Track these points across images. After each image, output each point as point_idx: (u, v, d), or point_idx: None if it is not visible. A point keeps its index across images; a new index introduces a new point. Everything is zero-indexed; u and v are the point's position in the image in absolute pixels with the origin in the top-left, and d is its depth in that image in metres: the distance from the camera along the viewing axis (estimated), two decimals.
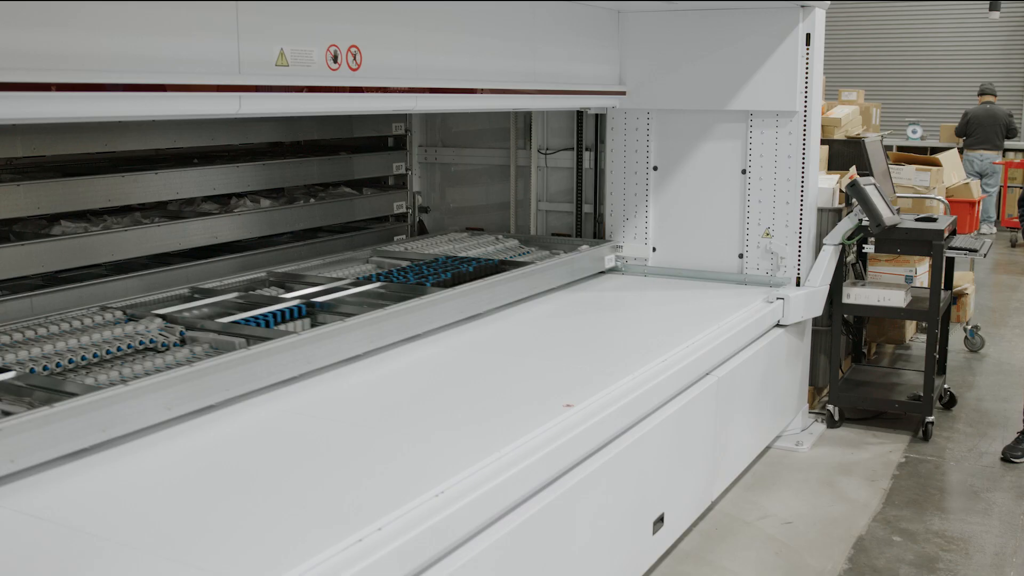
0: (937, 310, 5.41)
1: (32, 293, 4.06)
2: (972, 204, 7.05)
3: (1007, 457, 5.23)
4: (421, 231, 6.41)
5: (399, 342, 3.93)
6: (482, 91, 4.35)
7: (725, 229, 5.49)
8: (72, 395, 2.80)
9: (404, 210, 6.19)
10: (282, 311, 3.85)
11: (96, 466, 2.73)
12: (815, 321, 5.57)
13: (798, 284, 5.34)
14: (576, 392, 3.45)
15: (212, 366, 3.11)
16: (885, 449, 5.42)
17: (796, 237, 5.32)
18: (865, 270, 6.12)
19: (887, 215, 5.28)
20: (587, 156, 5.93)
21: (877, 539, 4.38)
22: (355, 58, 3.61)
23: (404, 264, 4.93)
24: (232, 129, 5.11)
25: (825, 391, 5.99)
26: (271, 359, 3.31)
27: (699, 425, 4.16)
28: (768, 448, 5.31)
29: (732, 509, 4.62)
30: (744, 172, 5.40)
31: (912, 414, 5.69)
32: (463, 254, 5.20)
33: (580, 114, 5.87)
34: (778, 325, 5.11)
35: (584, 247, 5.48)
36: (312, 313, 3.97)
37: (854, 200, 5.38)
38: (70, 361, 3.22)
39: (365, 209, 5.94)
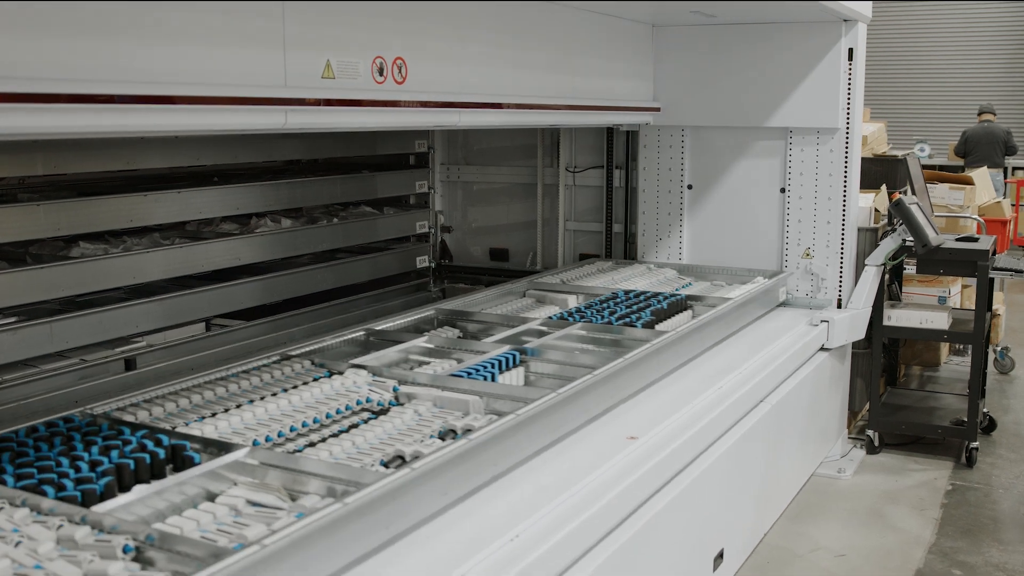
0: (982, 332, 5.25)
1: (52, 319, 3.85)
2: (1004, 223, 6.91)
3: None
4: (443, 252, 6.22)
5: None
6: (522, 107, 4.17)
7: (763, 249, 5.32)
8: (347, 483, 2.34)
9: (427, 230, 6.00)
10: (496, 360, 3.40)
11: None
12: (852, 344, 5.40)
13: (839, 306, 5.17)
14: (637, 422, 3.26)
15: (485, 440, 2.63)
16: (929, 476, 5.24)
17: (838, 257, 5.15)
18: (900, 291, 5.96)
19: (932, 235, 5.12)
20: (617, 174, 5.76)
21: (936, 573, 4.19)
22: (400, 71, 3.43)
23: (565, 296, 4.61)
24: (255, 146, 4.92)
25: (860, 415, 5.82)
26: (530, 429, 2.87)
27: (755, 455, 3.98)
28: (810, 476, 5.12)
29: (781, 541, 4.42)
30: (783, 191, 5.24)
31: (954, 439, 5.51)
32: (626, 285, 4.89)
33: (611, 131, 5.71)
34: (822, 349, 4.93)
35: (759, 278, 5.11)
36: (524, 361, 3.55)
37: (897, 219, 5.21)
38: (291, 429, 2.78)
39: (389, 229, 5.74)
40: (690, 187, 5.47)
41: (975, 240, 5.49)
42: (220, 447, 2.53)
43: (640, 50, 5.26)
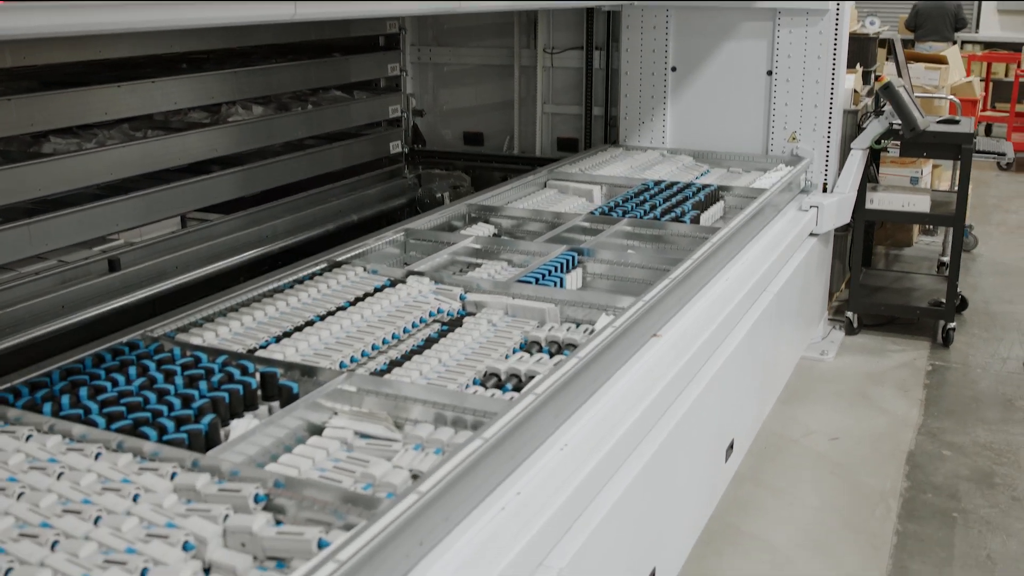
0: (963, 214, 5.29)
1: (29, 221, 3.63)
2: (975, 103, 6.91)
3: None
4: (416, 137, 6.03)
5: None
6: None
7: (748, 133, 5.24)
8: (454, 409, 2.23)
9: (399, 114, 5.79)
10: (558, 263, 3.27)
11: None
12: None
13: (824, 190, 5.14)
14: (660, 318, 3.21)
15: (594, 356, 2.54)
16: (909, 356, 5.34)
17: (824, 141, 5.10)
18: (878, 173, 5.96)
19: (920, 119, 5.08)
20: (597, 56, 5.58)
21: (928, 454, 4.29)
22: None
23: (589, 187, 4.49)
24: (226, 32, 4.64)
25: (835, 297, 5.88)
26: (624, 341, 2.77)
27: (761, 345, 3.98)
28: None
29: (776, 427, 4.48)
30: (769, 73, 5.13)
31: (928, 319, 5.61)
32: (647, 175, 4.77)
33: (590, 10, 5.50)
34: (811, 234, 4.92)
35: (782, 166, 4.97)
36: (581, 263, 3.43)
37: (883, 102, 5.16)
38: (373, 347, 2.65)
39: (361, 114, 5.51)
40: (674, 69, 5.33)
41: (956, 123, 5.47)
42: (306, 371, 2.41)
43: None
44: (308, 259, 3.37)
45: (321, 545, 1.71)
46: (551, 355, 2.66)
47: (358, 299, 2.99)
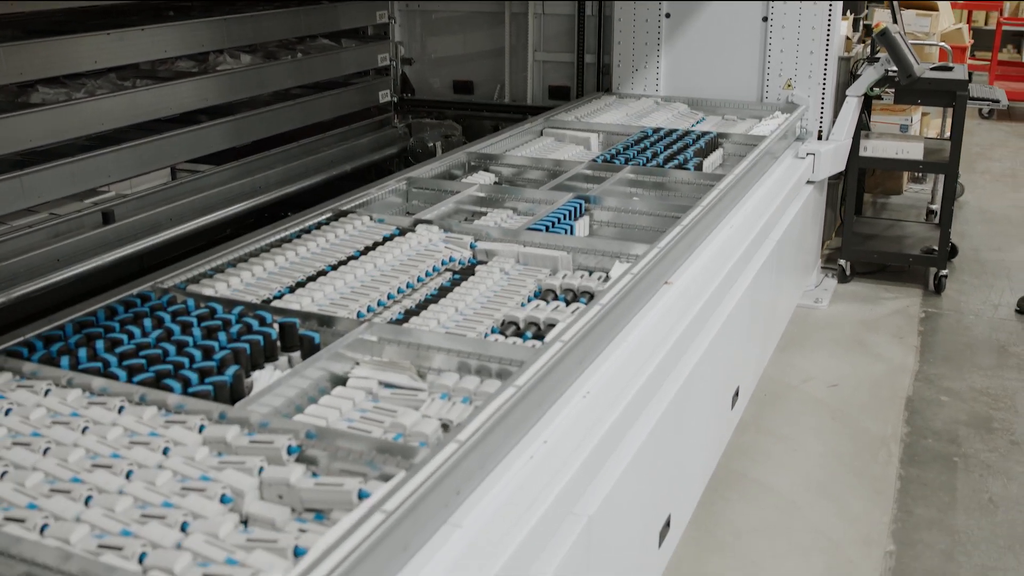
0: (957, 161, 5.28)
1: (22, 172, 3.55)
2: (963, 49, 6.89)
3: (1023, 309, 5.22)
4: (405, 86, 5.94)
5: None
6: None
7: (743, 80, 5.20)
8: (479, 358, 2.21)
9: (388, 63, 5.69)
10: (566, 211, 3.23)
11: None
12: None
13: (819, 138, 5.12)
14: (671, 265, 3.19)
15: (615, 303, 2.51)
16: (902, 304, 5.36)
17: (820, 88, 5.06)
18: (869, 120, 5.93)
19: (916, 66, 5.06)
20: (589, 3, 5.49)
21: (926, 400, 4.32)
22: None
23: (586, 136, 4.43)
24: None
25: (825, 245, 5.88)
26: (639, 287, 2.73)
27: (763, 293, 3.97)
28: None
29: (775, 373, 4.50)
30: (765, 19, 5.08)
31: (919, 266, 5.63)
32: (644, 123, 4.72)
33: None
34: (808, 182, 4.91)
35: (778, 113, 4.94)
36: (588, 211, 3.39)
37: (879, 48, 5.13)
38: (389, 296, 2.62)
39: (349, 63, 5.43)
40: (668, 16, 5.27)
41: (950, 69, 5.45)
42: (324, 321, 2.36)
43: None
44: (312, 209, 3.32)
45: (361, 496, 1.69)
46: (567, 303, 2.63)
47: (368, 248, 2.95)
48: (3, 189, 3.47)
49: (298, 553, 1.56)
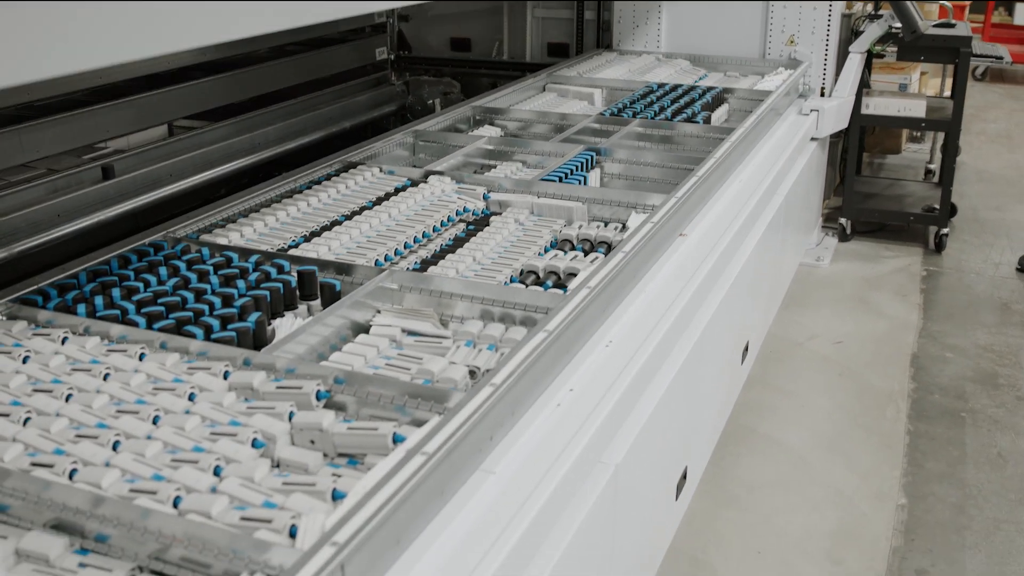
0: (960, 119, 5.26)
1: (20, 127, 3.48)
2: (963, 8, 6.85)
3: None
4: (401, 43, 5.86)
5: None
6: None
7: (745, 37, 5.14)
8: (502, 304, 2.17)
9: (384, 19, 5.61)
10: (579, 162, 3.21)
11: None
12: None
13: (822, 94, 5.08)
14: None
15: (637, 252, 2.47)
16: (903, 262, 5.35)
17: (823, 45, 5.02)
18: (870, 77, 5.89)
19: (920, 22, 5.01)
20: None
21: (931, 357, 4.32)
22: None
23: (589, 91, 4.39)
24: None
25: (825, 203, 5.86)
26: (658, 236, 2.68)
27: (770, 250, 3.95)
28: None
29: (780, 331, 4.48)
30: None
31: (919, 225, 5.62)
32: (647, 78, 4.69)
33: None
34: (812, 139, 4.87)
35: (781, 69, 4.88)
36: (599, 163, 3.36)
37: (881, 5, 5.08)
38: (406, 246, 2.58)
39: (347, 19, 5.35)
40: None
41: (952, 26, 5.41)
42: (342, 270, 2.32)
43: None
44: (320, 160, 3.27)
45: (397, 440, 1.65)
46: (585, 253, 2.60)
47: (380, 199, 2.90)
48: (3, 144, 3.41)
49: (336, 496, 1.53)
